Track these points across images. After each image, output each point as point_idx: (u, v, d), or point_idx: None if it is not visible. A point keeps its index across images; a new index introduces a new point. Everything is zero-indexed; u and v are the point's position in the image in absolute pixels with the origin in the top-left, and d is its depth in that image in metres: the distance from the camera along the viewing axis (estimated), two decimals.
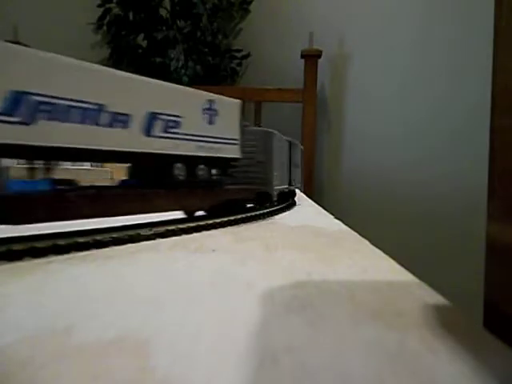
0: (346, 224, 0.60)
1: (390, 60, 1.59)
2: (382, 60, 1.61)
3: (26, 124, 0.34)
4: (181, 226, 0.48)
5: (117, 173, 0.91)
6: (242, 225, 0.57)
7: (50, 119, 0.35)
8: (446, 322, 0.23)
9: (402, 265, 0.36)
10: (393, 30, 1.58)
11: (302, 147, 1.03)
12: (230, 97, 0.60)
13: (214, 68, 1.86)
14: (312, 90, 1.67)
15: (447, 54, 1.42)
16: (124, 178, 0.53)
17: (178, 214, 0.54)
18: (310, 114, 1.67)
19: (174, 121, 0.48)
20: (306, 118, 1.67)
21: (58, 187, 0.39)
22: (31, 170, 0.37)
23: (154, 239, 0.44)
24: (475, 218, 0.91)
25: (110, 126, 0.40)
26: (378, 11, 1.62)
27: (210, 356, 0.18)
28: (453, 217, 1.38)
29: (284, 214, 0.71)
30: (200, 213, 0.57)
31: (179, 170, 0.49)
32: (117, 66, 1.91)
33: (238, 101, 0.60)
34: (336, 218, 0.69)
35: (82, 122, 0.38)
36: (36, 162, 0.37)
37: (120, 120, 0.41)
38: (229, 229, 0.53)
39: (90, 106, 0.39)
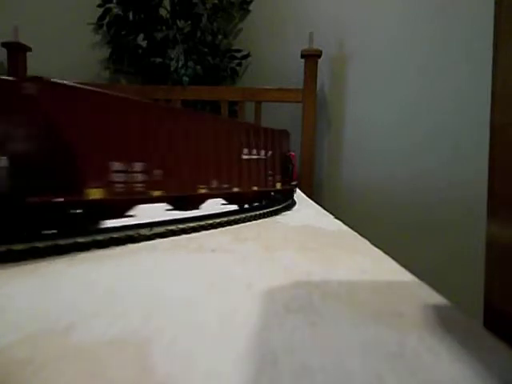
0: (346, 224, 0.60)
1: (390, 60, 1.59)
2: (383, 60, 1.61)
3: None
4: (181, 226, 0.48)
5: None
6: (241, 225, 0.57)
7: None
8: (446, 322, 0.23)
9: (402, 265, 0.36)
10: (393, 29, 1.58)
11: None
12: (230, 97, 0.65)
13: (214, 68, 1.86)
14: (312, 89, 1.67)
15: (449, 55, 1.42)
16: None
17: (178, 214, 0.54)
18: (309, 114, 1.67)
19: None
20: (306, 118, 1.67)
21: None
22: None
23: (153, 239, 0.44)
24: (475, 218, 0.91)
25: None
26: (379, 11, 1.61)
27: (210, 356, 0.18)
28: (453, 216, 1.38)
29: (284, 213, 0.71)
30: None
31: None
32: (117, 65, 1.92)
33: None
34: (336, 217, 0.69)
35: None
36: None
37: None
38: (229, 229, 0.53)
39: None
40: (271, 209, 0.68)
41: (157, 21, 1.82)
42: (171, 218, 0.52)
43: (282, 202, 0.80)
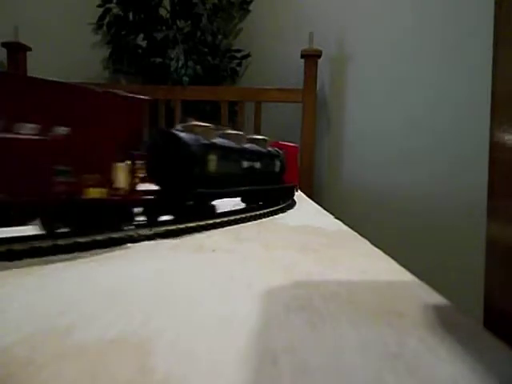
0: (346, 224, 0.60)
1: (390, 60, 1.59)
2: (382, 60, 1.61)
3: None
4: (181, 226, 0.48)
5: None
6: (241, 225, 0.57)
7: None
8: (446, 321, 0.23)
9: (402, 265, 0.36)
10: (393, 29, 1.58)
11: None
12: (230, 97, 0.59)
13: (214, 68, 1.86)
14: (312, 89, 1.67)
15: (449, 55, 1.42)
16: None
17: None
18: (309, 114, 1.67)
19: None
20: (306, 118, 1.67)
21: None
22: None
23: (153, 239, 0.44)
24: (475, 218, 0.91)
25: None
26: (378, 11, 1.61)
27: (210, 356, 0.18)
28: (453, 216, 1.38)
29: (284, 213, 0.71)
30: None
31: None
32: (117, 66, 1.91)
33: None
34: (336, 217, 0.69)
35: None
36: None
37: None
38: (229, 229, 0.53)
39: None
40: (272, 209, 0.68)
41: (157, 21, 1.82)
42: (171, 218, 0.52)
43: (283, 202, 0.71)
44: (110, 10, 1.84)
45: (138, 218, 0.45)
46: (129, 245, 0.41)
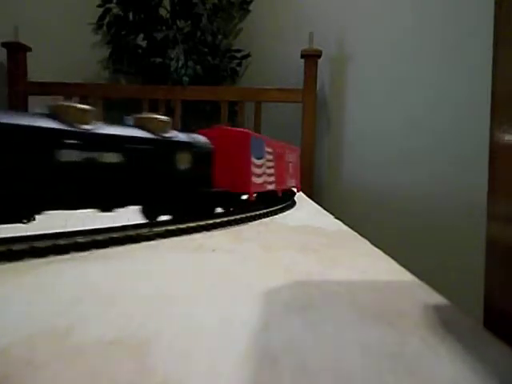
0: (346, 224, 0.60)
1: (390, 60, 1.59)
2: (382, 60, 1.61)
3: None
4: (181, 226, 0.48)
5: None
6: (241, 225, 0.57)
7: None
8: (446, 322, 0.23)
9: (402, 265, 0.36)
10: (393, 29, 1.58)
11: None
12: (230, 97, 0.55)
13: (214, 68, 1.86)
14: (312, 89, 1.67)
15: (448, 55, 1.42)
16: None
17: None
18: (309, 114, 1.67)
19: None
20: (306, 118, 1.67)
21: None
22: None
23: (153, 239, 0.44)
24: (475, 217, 0.91)
25: None
26: (378, 11, 1.61)
27: (210, 356, 0.18)
28: (453, 216, 1.38)
29: (284, 213, 0.71)
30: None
31: None
32: (117, 66, 1.91)
33: None
34: (336, 217, 0.69)
35: None
36: None
37: None
38: (229, 229, 0.53)
39: None
40: (271, 209, 0.68)
41: (157, 21, 1.82)
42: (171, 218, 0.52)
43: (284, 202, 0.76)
44: (110, 9, 1.84)
45: None
46: (129, 245, 0.41)
